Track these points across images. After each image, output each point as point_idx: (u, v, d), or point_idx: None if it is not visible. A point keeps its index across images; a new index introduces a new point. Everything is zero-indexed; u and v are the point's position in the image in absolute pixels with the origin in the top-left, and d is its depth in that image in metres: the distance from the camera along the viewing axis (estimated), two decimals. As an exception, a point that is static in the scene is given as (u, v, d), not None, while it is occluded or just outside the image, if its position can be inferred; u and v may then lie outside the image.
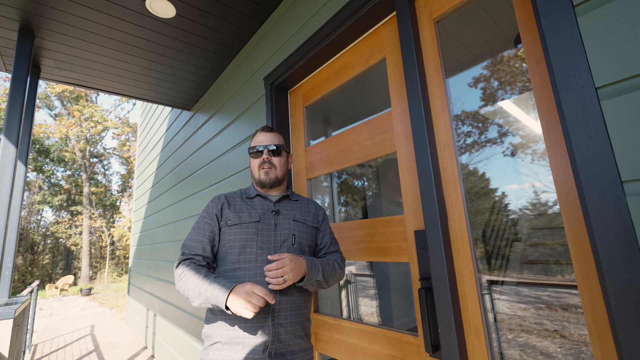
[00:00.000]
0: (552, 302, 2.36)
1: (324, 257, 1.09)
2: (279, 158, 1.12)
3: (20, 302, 1.82)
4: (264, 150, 1.10)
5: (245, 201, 1.10)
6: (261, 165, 1.10)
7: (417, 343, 1.05)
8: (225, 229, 1.02)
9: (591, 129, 0.65)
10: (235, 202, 1.08)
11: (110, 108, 20.46)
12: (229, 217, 1.03)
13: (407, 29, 1.11)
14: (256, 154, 1.11)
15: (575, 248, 0.74)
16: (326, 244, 1.13)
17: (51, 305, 9.57)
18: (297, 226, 1.07)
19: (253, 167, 1.13)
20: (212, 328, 0.97)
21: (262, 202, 1.10)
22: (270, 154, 1.10)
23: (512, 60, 2.32)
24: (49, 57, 2.15)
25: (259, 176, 1.10)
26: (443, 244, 0.95)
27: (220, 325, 0.95)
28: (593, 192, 0.64)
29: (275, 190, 1.13)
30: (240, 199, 1.10)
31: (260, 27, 2.03)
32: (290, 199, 1.15)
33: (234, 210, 1.05)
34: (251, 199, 1.11)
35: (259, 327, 0.93)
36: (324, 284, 1.01)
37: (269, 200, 1.11)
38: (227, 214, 1.04)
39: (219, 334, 0.94)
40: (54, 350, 4.29)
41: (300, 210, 1.13)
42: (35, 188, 18.78)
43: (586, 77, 0.66)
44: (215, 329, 0.96)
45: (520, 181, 2.41)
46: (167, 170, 3.74)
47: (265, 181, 1.09)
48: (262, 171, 1.09)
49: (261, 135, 1.14)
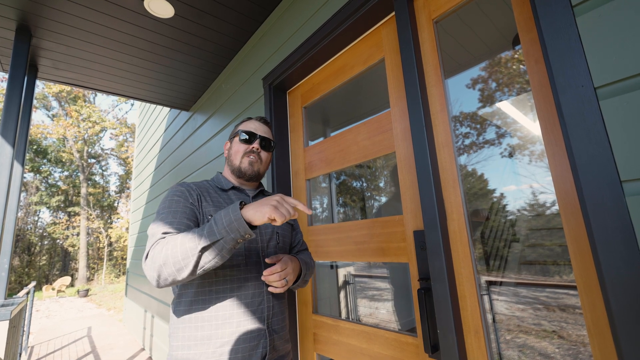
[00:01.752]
0: (550, 303, 2.37)
1: (300, 255, 1.04)
2: (267, 154, 1.03)
3: (17, 303, 1.81)
4: (257, 139, 1.00)
5: (220, 194, 0.96)
6: (247, 154, 0.98)
7: (416, 344, 1.05)
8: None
9: (590, 129, 0.65)
10: (210, 194, 0.94)
11: (108, 109, 20.42)
12: (209, 211, 0.88)
13: (406, 29, 1.11)
14: (246, 140, 0.99)
15: (575, 248, 0.74)
16: (299, 241, 1.11)
17: (48, 306, 9.50)
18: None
19: (235, 152, 1.00)
20: (189, 349, 0.81)
21: (239, 196, 1.00)
22: (262, 146, 1.01)
23: (509, 62, 2.34)
24: (47, 56, 2.14)
25: (241, 164, 0.98)
26: (442, 244, 0.95)
27: (201, 344, 0.80)
28: (592, 192, 0.64)
29: (251, 184, 1.04)
30: (213, 191, 0.96)
31: (259, 27, 2.03)
32: (264, 194, 1.07)
33: (213, 204, 0.90)
34: (225, 192, 0.98)
35: (254, 337, 0.83)
36: (306, 283, 0.99)
37: (246, 194, 1.01)
38: (206, 208, 0.88)
39: (199, 355, 0.80)
40: (51, 352, 4.26)
41: None
42: (32, 189, 18.68)
43: (585, 77, 0.66)
44: (192, 349, 0.81)
45: (518, 182, 2.42)
46: (165, 170, 3.73)
47: (248, 172, 0.98)
48: (246, 159, 0.98)
49: (256, 123, 1.03)
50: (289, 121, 1.82)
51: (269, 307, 0.89)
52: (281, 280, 0.83)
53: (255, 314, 0.85)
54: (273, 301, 0.90)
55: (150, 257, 0.73)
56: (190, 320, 0.82)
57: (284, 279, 0.84)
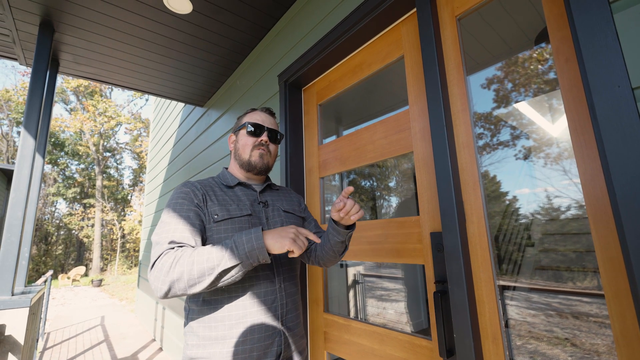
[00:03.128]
0: (563, 310, 2.30)
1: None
2: (275, 146, 1.01)
3: (35, 291, 1.86)
4: (266, 131, 0.97)
5: (225, 191, 0.93)
6: (257, 146, 0.95)
7: (431, 347, 1.03)
8: (212, 225, 0.84)
9: (626, 131, 0.62)
10: (215, 192, 0.91)
11: (123, 103, 20.81)
12: (215, 211, 0.85)
13: (428, 26, 1.09)
14: (253, 133, 0.96)
15: (604, 255, 0.71)
16: (314, 227, 1.08)
17: (63, 295, 9.80)
18: (287, 217, 0.98)
19: (243, 145, 0.96)
20: (203, 348, 0.81)
21: (246, 192, 0.96)
22: (270, 138, 0.98)
23: (527, 62, 2.27)
24: (68, 51, 2.18)
25: (251, 157, 0.95)
26: (461, 247, 0.93)
27: (215, 343, 0.80)
28: (626, 197, 0.61)
29: (258, 178, 1.01)
30: (218, 189, 0.93)
31: (275, 23, 2.03)
32: (272, 188, 1.05)
33: (218, 203, 0.87)
34: (231, 189, 0.95)
35: (269, 335, 0.82)
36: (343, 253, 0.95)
37: (253, 189, 0.98)
38: (211, 208, 0.85)
39: (214, 354, 0.80)
40: (66, 339, 4.40)
41: (286, 200, 1.05)
42: (50, 180, 19.27)
43: (622, 77, 0.63)
44: (207, 349, 0.80)
45: (532, 185, 2.33)
46: (178, 165, 3.78)
47: (258, 165, 0.95)
48: (256, 152, 0.95)
49: (262, 115, 1.00)
50: (303, 118, 1.81)
51: (283, 304, 0.87)
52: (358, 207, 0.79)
53: (269, 312, 0.84)
54: (286, 298, 0.89)
55: (158, 269, 0.71)
56: (204, 321, 0.82)
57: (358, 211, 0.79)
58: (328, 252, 0.93)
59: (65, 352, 3.84)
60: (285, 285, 0.90)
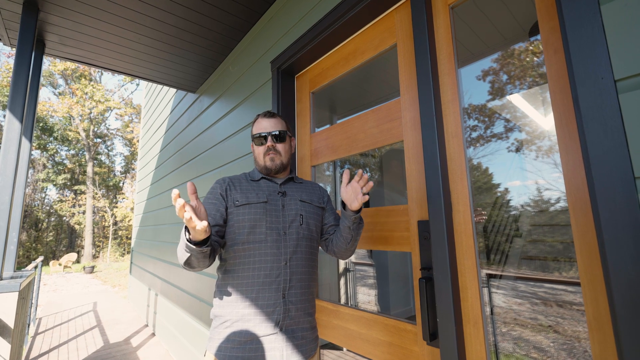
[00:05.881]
0: (548, 298, 2.37)
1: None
2: (283, 144, 1.12)
3: (25, 276, 1.86)
4: (268, 137, 1.10)
5: (251, 183, 1.10)
6: (266, 153, 1.09)
7: (415, 331, 1.07)
8: (233, 209, 1.03)
9: (607, 122, 0.63)
10: (240, 184, 1.09)
11: (114, 88, 20.34)
12: (236, 197, 1.04)
13: (421, 13, 1.08)
14: (260, 141, 1.11)
15: (581, 243, 0.74)
16: (334, 219, 1.16)
17: (55, 281, 9.77)
18: (303, 206, 1.09)
19: (258, 154, 1.12)
20: (222, 307, 0.99)
21: (268, 184, 1.11)
22: (275, 140, 1.10)
23: (523, 54, 2.26)
24: (54, 32, 2.11)
25: (265, 163, 1.10)
26: (446, 235, 0.95)
27: (230, 304, 0.98)
28: (604, 188, 0.63)
29: (280, 175, 1.14)
30: (245, 181, 1.11)
31: (268, 8, 1.98)
32: (294, 181, 1.17)
33: (240, 191, 1.06)
34: (256, 182, 1.11)
35: (271, 304, 0.96)
36: (359, 232, 1.05)
37: (275, 182, 1.12)
38: (233, 195, 1.05)
39: (229, 313, 0.97)
40: (58, 324, 4.41)
41: (306, 191, 1.15)
42: (39, 166, 18.91)
43: (606, 68, 0.64)
44: (225, 309, 0.98)
45: (523, 177, 2.36)
46: (170, 152, 3.74)
47: (272, 167, 1.10)
48: (267, 158, 1.09)
49: (263, 122, 1.12)
50: (296, 106, 1.80)
51: (286, 280, 0.99)
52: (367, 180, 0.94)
53: (272, 284, 0.98)
54: (291, 275, 1.00)
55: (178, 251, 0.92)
56: (224, 286, 1.01)
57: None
58: (340, 240, 1.06)
59: (57, 336, 3.85)
60: (291, 264, 1.01)
